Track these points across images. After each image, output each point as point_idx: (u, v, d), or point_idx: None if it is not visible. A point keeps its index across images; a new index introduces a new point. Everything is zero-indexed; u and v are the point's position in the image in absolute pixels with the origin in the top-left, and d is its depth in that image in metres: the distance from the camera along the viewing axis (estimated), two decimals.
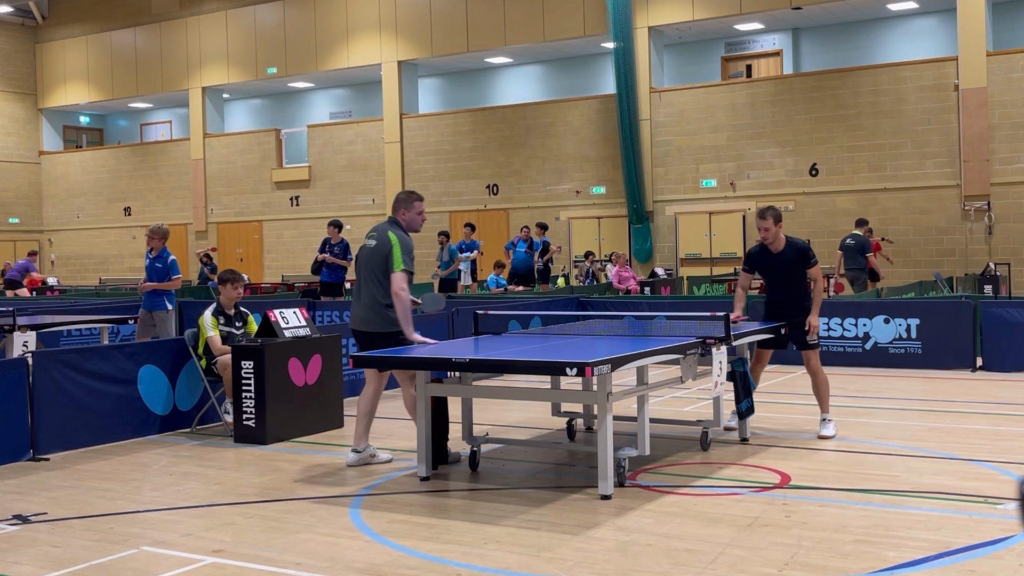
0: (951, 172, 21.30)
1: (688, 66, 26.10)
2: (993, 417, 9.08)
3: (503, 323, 11.90)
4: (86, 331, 13.67)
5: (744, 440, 8.10)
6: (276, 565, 5.23)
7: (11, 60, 33.81)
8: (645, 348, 6.79)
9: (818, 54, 24.86)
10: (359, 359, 6.96)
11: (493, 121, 26.72)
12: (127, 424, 8.77)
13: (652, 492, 6.53)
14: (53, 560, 5.39)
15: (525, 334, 8.69)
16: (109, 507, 6.50)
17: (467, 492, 6.77)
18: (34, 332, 10.56)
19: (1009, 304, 12.23)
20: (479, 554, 5.32)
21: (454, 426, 7.54)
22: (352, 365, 7.02)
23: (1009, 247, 20.70)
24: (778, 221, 8.49)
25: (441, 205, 27.24)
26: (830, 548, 5.27)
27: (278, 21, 29.50)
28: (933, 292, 16.59)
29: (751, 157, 23.40)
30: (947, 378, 11.51)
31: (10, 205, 33.93)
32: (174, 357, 9.25)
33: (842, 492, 6.44)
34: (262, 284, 24.93)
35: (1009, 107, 20.76)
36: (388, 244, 7.26)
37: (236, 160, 30.66)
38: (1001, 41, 22.03)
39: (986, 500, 6.15)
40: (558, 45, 26.31)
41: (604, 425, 6.30)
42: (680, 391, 10.35)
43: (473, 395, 7.34)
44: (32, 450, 8.01)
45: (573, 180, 25.60)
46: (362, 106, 30.91)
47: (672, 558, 5.18)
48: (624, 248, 24.28)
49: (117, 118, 36.67)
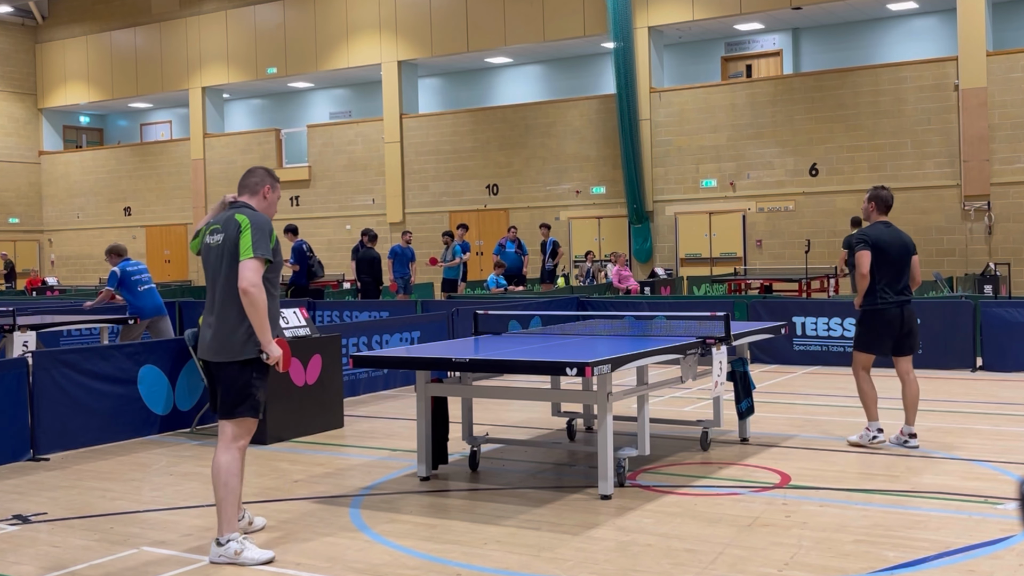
0: (951, 172, 21.30)
1: (688, 66, 26.10)
2: (993, 417, 9.08)
3: (503, 323, 11.90)
4: (86, 331, 13.68)
5: (744, 440, 8.10)
6: (276, 565, 5.23)
7: (11, 60, 33.81)
8: (645, 348, 6.79)
9: (818, 54, 24.85)
10: (359, 359, 6.95)
11: (493, 121, 26.71)
12: (127, 424, 8.77)
13: (652, 492, 6.52)
14: (53, 560, 5.39)
15: (525, 334, 8.69)
16: (109, 507, 6.50)
17: (467, 492, 6.77)
18: (34, 332, 10.57)
19: (1009, 304, 12.23)
20: (479, 554, 5.32)
21: (454, 426, 7.53)
22: (352, 365, 7.01)
23: (1009, 247, 20.70)
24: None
25: (441, 205, 27.25)
26: (830, 548, 5.27)
27: (278, 21, 29.50)
28: (933, 292, 16.58)
29: (751, 157, 23.40)
30: (947, 378, 11.50)
31: (10, 205, 33.93)
32: (174, 357, 9.25)
33: (842, 492, 6.44)
34: None
35: (1009, 107, 20.75)
36: (237, 228, 5.40)
37: (236, 160, 30.65)
38: (1001, 41, 22.03)
39: (986, 500, 6.15)
40: (558, 45, 26.31)
41: (604, 425, 6.30)
42: (680, 391, 10.35)
43: (473, 395, 7.33)
44: (32, 450, 8.01)
45: (573, 180, 25.59)
46: (362, 106, 30.91)
47: (672, 558, 5.18)
48: (624, 248, 24.28)
49: (117, 118, 36.67)
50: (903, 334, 7.87)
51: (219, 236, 5.44)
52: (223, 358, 5.36)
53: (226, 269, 5.36)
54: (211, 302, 5.48)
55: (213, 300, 5.45)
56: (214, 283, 5.45)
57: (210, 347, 5.42)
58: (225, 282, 5.37)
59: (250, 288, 5.21)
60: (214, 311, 5.43)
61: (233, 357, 5.33)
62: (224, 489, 5.29)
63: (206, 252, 5.52)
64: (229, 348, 5.34)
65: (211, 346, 5.41)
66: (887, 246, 7.78)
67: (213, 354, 5.40)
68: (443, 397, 7.24)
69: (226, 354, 5.35)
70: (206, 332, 5.46)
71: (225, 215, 5.50)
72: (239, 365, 5.34)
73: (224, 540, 5.27)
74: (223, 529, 5.29)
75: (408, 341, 11.92)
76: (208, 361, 5.50)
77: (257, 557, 5.25)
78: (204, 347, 5.48)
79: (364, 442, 8.52)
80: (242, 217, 5.38)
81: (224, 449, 5.35)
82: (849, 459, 7.43)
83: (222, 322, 5.37)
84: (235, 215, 5.43)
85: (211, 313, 5.46)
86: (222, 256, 5.38)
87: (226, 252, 5.37)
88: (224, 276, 5.37)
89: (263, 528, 5.89)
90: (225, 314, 5.36)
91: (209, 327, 5.45)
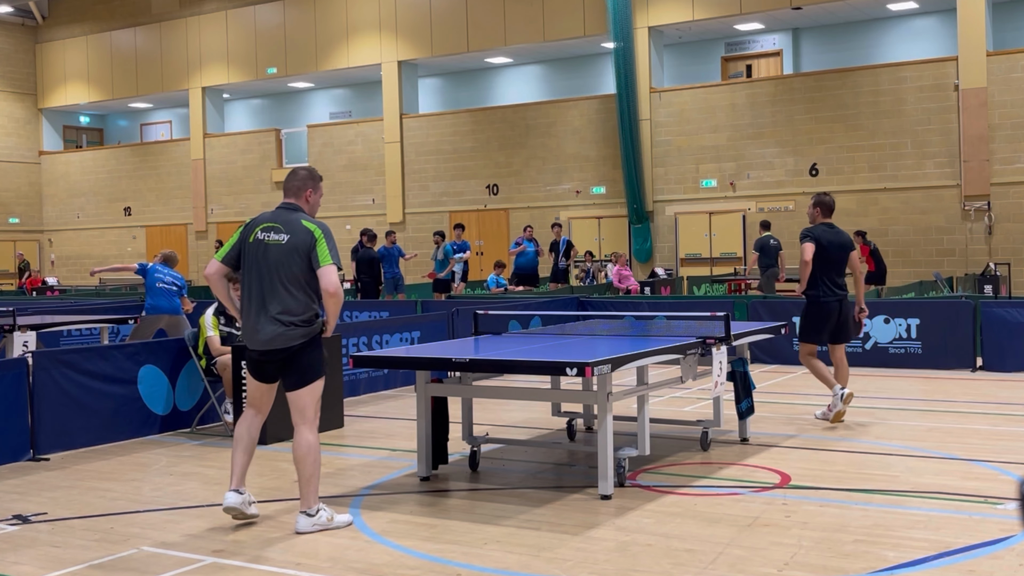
0: (951, 172, 21.30)
1: (688, 66, 26.10)
2: (993, 417, 9.08)
3: (503, 323, 11.90)
4: (86, 331, 13.68)
5: (744, 440, 8.10)
6: (276, 565, 5.23)
7: (11, 60, 33.82)
8: (645, 348, 6.78)
9: (818, 54, 24.86)
10: (359, 359, 6.95)
11: (493, 121, 26.72)
12: (127, 424, 8.77)
13: (652, 492, 6.52)
14: (53, 560, 5.39)
15: (525, 334, 8.69)
16: (109, 507, 6.50)
17: (467, 492, 6.77)
18: (34, 332, 10.57)
19: (1009, 304, 12.23)
20: (479, 554, 5.32)
21: (454, 426, 7.53)
22: (352, 365, 7.01)
23: (1009, 247, 20.70)
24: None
25: (441, 205, 27.25)
26: (830, 548, 5.27)
27: (278, 21, 29.50)
28: (933, 292, 16.59)
29: (751, 157, 23.40)
30: (947, 378, 11.50)
31: (10, 205, 33.94)
32: (174, 357, 9.25)
33: (842, 492, 6.44)
34: None
35: (1009, 107, 20.76)
36: (310, 236, 5.82)
37: (236, 160, 30.68)
38: (1001, 41, 22.03)
39: (986, 500, 6.15)
40: (558, 45, 26.31)
41: (604, 425, 6.30)
42: (680, 391, 10.35)
43: (473, 395, 7.33)
44: (32, 450, 8.01)
45: (573, 180, 25.60)
46: (362, 106, 30.91)
47: (672, 558, 5.18)
48: (624, 248, 24.28)
49: (117, 118, 36.68)
50: (839, 324, 8.98)
51: (282, 236, 5.81)
52: (293, 343, 5.80)
53: (296, 268, 5.77)
54: (268, 297, 5.80)
55: (271, 295, 5.80)
56: (272, 278, 5.79)
57: (275, 337, 5.79)
58: (288, 279, 5.78)
59: (338, 291, 5.79)
60: (270, 305, 5.79)
61: (306, 338, 5.81)
62: (315, 464, 5.80)
63: (261, 249, 5.83)
64: (302, 332, 5.80)
65: (276, 335, 5.79)
66: (829, 244, 8.86)
67: (282, 341, 5.79)
68: (443, 397, 7.24)
69: (300, 338, 5.80)
70: (263, 327, 5.80)
71: (285, 217, 5.88)
72: (310, 343, 5.85)
73: (314, 511, 5.79)
74: (311, 501, 5.79)
75: (408, 341, 11.92)
76: (271, 351, 5.83)
77: (344, 520, 5.91)
78: (265, 339, 5.81)
79: (364, 442, 8.52)
80: (313, 226, 5.83)
81: (309, 429, 5.83)
82: (849, 459, 7.43)
83: (282, 314, 5.78)
84: (303, 221, 5.84)
85: (271, 304, 5.79)
86: (290, 255, 5.78)
87: (296, 253, 5.77)
88: (291, 273, 5.77)
89: (255, 518, 6.04)
90: (291, 306, 5.78)
91: (266, 321, 5.80)
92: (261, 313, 5.82)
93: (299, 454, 5.80)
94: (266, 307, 5.80)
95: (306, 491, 5.79)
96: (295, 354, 5.83)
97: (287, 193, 6.01)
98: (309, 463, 5.77)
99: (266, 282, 5.81)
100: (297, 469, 5.82)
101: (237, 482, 5.92)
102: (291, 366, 5.87)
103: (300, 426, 5.84)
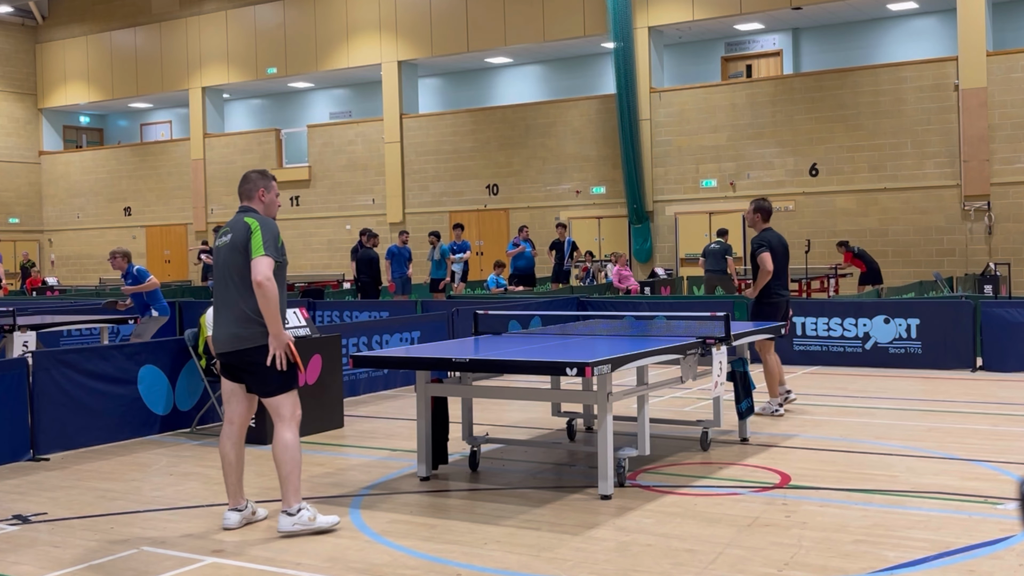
0: (951, 172, 21.30)
1: (688, 66, 26.10)
2: (993, 417, 9.08)
3: (503, 323, 11.90)
4: (86, 331, 13.67)
5: (744, 440, 8.11)
6: (276, 565, 5.23)
7: (11, 60, 33.82)
8: (645, 348, 6.78)
9: (818, 54, 24.86)
10: (359, 359, 6.95)
11: (493, 121, 26.72)
12: (127, 424, 8.77)
13: (652, 492, 6.52)
14: (53, 560, 5.39)
15: (525, 334, 8.69)
16: (109, 507, 6.50)
17: (467, 492, 6.77)
18: (34, 332, 10.57)
19: (1009, 304, 12.23)
20: (479, 554, 5.32)
21: (454, 426, 7.53)
22: (352, 365, 7.01)
23: (1009, 247, 20.70)
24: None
25: (441, 205, 27.26)
26: (830, 548, 5.27)
27: (278, 21, 29.50)
28: (933, 292, 16.58)
29: (751, 157, 23.40)
30: (947, 378, 11.50)
31: (10, 205, 33.94)
32: (174, 357, 9.25)
33: (842, 492, 6.44)
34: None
35: (1009, 107, 20.76)
36: (246, 229, 5.71)
37: (236, 160, 30.66)
38: (1001, 41, 22.03)
39: (986, 500, 6.15)
40: (558, 45, 26.32)
41: (604, 425, 6.30)
42: (680, 391, 10.35)
43: (473, 395, 7.33)
44: (32, 450, 8.01)
45: (573, 180, 25.60)
46: (362, 106, 30.92)
47: (672, 558, 5.18)
48: (624, 248, 24.28)
49: (117, 118, 36.68)
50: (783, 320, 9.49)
51: (227, 237, 5.80)
52: (247, 345, 5.68)
53: (238, 266, 5.68)
54: (223, 299, 5.79)
55: (225, 297, 5.77)
56: (225, 281, 5.76)
57: (230, 339, 5.73)
58: (239, 278, 5.69)
59: (265, 281, 5.54)
60: (227, 306, 5.76)
61: (256, 343, 5.68)
62: (292, 463, 5.69)
63: (217, 254, 5.86)
64: (250, 336, 5.69)
65: (232, 337, 5.73)
66: (778, 248, 9.41)
67: (237, 343, 5.70)
68: (443, 397, 7.24)
69: (249, 341, 5.68)
70: (221, 329, 5.78)
71: (234, 219, 5.85)
72: (264, 349, 5.68)
73: (295, 510, 5.67)
74: (291, 500, 5.69)
75: (408, 341, 11.92)
76: (229, 353, 5.76)
77: (329, 521, 5.75)
78: (223, 341, 5.77)
79: (364, 442, 8.52)
80: (251, 220, 5.73)
81: (287, 427, 5.74)
82: (849, 459, 7.43)
83: (238, 315, 5.70)
84: (244, 218, 5.77)
85: (226, 308, 5.77)
86: (232, 253, 5.71)
87: (236, 250, 5.69)
88: (239, 271, 5.68)
89: (266, 518, 6.05)
90: (240, 307, 5.70)
91: (224, 322, 5.77)
92: (219, 316, 5.83)
93: (276, 453, 5.74)
94: (222, 310, 5.80)
95: (285, 490, 5.71)
96: (254, 360, 5.71)
97: (241, 197, 5.95)
98: (286, 462, 5.69)
99: (220, 285, 5.81)
100: (276, 468, 5.76)
101: (235, 501, 5.91)
102: (254, 373, 5.76)
103: (277, 425, 5.77)
